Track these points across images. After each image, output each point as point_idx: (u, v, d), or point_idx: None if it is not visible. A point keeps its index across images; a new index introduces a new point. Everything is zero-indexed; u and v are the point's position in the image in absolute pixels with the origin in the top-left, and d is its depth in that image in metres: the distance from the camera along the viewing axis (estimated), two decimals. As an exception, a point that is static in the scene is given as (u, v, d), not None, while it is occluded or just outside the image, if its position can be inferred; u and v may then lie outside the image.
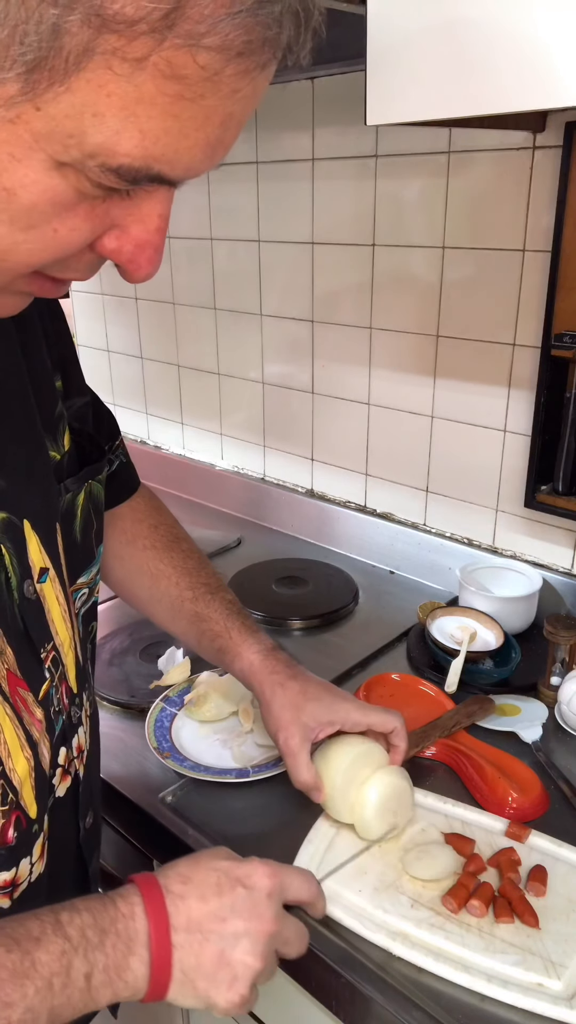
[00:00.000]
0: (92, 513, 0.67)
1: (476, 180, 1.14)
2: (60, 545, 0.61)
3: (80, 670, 0.65)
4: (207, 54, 0.34)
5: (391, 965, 0.68)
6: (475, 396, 1.24)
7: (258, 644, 0.84)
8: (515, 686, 1.05)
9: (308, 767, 0.78)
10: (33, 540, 0.57)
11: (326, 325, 1.41)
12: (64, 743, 0.62)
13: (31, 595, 0.57)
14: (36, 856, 0.59)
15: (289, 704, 0.80)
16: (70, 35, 0.32)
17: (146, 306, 1.76)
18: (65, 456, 0.64)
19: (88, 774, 0.68)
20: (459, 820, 0.82)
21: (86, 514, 0.66)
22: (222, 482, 1.69)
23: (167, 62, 0.33)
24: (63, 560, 0.61)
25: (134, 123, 0.35)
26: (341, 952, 0.69)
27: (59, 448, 0.63)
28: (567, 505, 1.12)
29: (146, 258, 0.42)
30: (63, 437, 0.64)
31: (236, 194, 1.47)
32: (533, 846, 0.78)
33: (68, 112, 0.34)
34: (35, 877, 0.59)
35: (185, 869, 0.57)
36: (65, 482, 0.63)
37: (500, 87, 0.71)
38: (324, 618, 1.24)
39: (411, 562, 1.38)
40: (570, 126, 0.99)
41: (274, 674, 0.82)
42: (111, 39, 0.32)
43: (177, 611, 0.86)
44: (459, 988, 0.65)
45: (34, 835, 0.58)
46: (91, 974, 0.49)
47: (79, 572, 0.65)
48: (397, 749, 0.82)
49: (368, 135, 1.24)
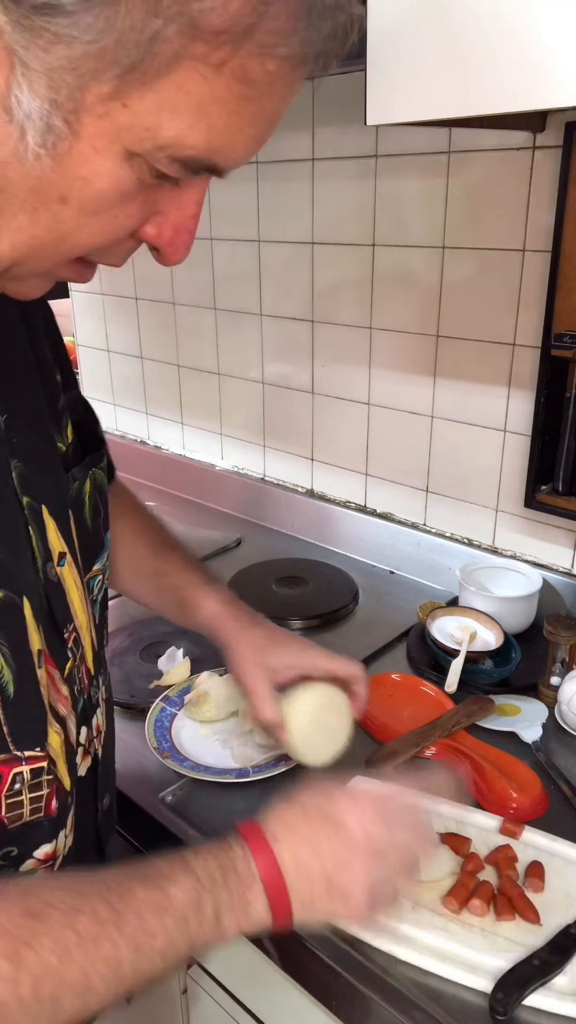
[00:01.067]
0: (99, 501, 0.69)
1: (476, 180, 1.14)
2: (74, 532, 0.63)
3: (96, 654, 0.67)
4: (275, 62, 0.39)
5: (392, 966, 0.68)
6: (475, 396, 1.24)
7: (219, 594, 0.86)
8: (515, 686, 1.05)
9: (271, 705, 0.81)
10: (51, 525, 0.59)
11: (326, 325, 1.41)
12: (85, 722, 0.64)
13: (53, 577, 0.59)
14: (69, 829, 0.62)
15: (253, 647, 0.83)
16: (167, 43, 0.36)
17: (146, 306, 1.76)
18: (69, 447, 0.66)
19: (105, 756, 0.70)
20: (453, 820, 0.82)
21: (93, 502, 0.68)
22: (222, 482, 1.69)
23: (241, 67, 0.38)
24: (77, 546, 0.63)
25: (204, 119, 0.39)
26: (341, 952, 0.69)
27: (64, 440, 0.65)
28: (567, 505, 1.12)
29: (182, 242, 0.46)
30: (66, 429, 0.66)
31: (236, 194, 1.47)
32: (528, 842, 0.78)
33: (150, 109, 0.38)
34: (67, 851, 0.62)
35: (285, 814, 0.60)
36: (72, 471, 0.65)
37: (500, 87, 0.71)
38: (324, 618, 1.24)
39: (411, 562, 1.38)
40: (570, 126, 0.99)
41: (237, 620, 0.84)
42: (199, 47, 0.36)
43: (137, 571, 0.88)
44: (460, 987, 0.66)
45: (68, 807, 0.61)
46: (218, 908, 0.53)
47: (93, 559, 0.67)
48: (358, 696, 0.84)
49: (368, 135, 1.24)
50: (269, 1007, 0.83)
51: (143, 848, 0.90)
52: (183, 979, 0.91)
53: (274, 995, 0.80)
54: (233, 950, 0.83)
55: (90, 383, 2.01)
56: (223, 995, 0.88)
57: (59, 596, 0.60)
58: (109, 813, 0.73)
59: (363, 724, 0.98)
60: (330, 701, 0.83)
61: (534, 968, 0.65)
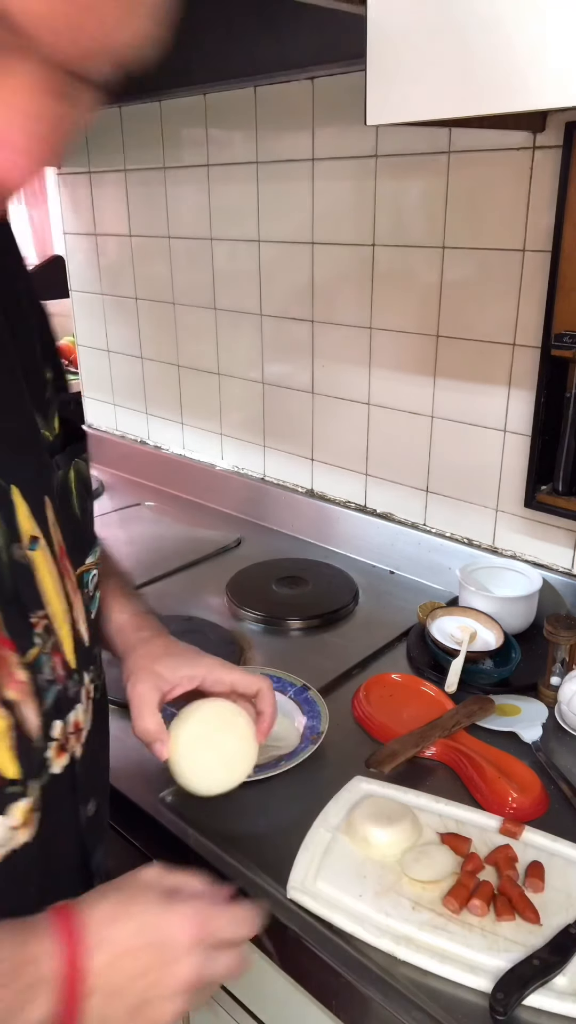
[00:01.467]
0: (85, 493, 0.68)
1: (476, 180, 1.14)
2: (51, 518, 0.61)
3: (81, 648, 0.64)
4: None
5: (392, 966, 0.68)
6: (475, 396, 1.24)
7: (131, 606, 0.81)
8: (515, 686, 1.05)
9: (151, 715, 0.73)
10: (22, 507, 0.58)
11: (326, 325, 1.41)
12: (59, 716, 0.62)
13: (20, 559, 0.57)
14: (18, 821, 0.58)
15: (148, 655, 0.76)
16: None
17: (146, 306, 1.76)
18: (57, 438, 0.65)
19: (89, 757, 0.67)
20: (453, 819, 0.82)
21: (80, 492, 0.67)
22: (222, 482, 1.69)
23: None
24: (57, 534, 0.62)
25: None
26: (341, 952, 0.69)
27: (51, 429, 0.64)
28: (567, 505, 1.12)
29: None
30: (54, 419, 0.65)
31: (236, 194, 1.47)
32: (528, 842, 0.78)
33: None
34: (19, 845, 0.59)
35: (109, 912, 0.56)
36: (56, 458, 0.64)
37: (500, 87, 0.71)
38: (324, 618, 1.24)
39: (411, 562, 1.38)
40: (570, 126, 0.99)
41: (140, 631, 0.79)
42: None
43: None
44: (460, 987, 0.66)
45: (11, 796, 0.58)
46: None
47: (84, 552, 0.66)
48: (263, 716, 0.76)
49: (368, 135, 1.24)
50: (269, 1007, 0.83)
51: (143, 849, 0.90)
52: (183, 979, 0.91)
53: (274, 995, 0.80)
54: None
55: (90, 383, 2.01)
56: (223, 995, 0.88)
57: (27, 579, 0.58)
58: (97, 821, 0.70)
59: (363, 724, 0.98)
60: (226, 720, 0.75)
61: (534, 968, 0.65)
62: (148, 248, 1.70)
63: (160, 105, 1.55)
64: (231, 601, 1.29)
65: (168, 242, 1.64)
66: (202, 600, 1.31)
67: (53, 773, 0.62)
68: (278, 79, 1.32)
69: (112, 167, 1.71)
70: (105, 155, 1.71)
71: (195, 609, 1.27)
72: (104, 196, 1.76)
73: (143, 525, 1.64)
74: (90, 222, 1.82)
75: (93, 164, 1.75)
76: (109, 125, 1.67)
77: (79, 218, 1.85)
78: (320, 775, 0.89)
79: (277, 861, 0.77)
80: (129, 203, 1.70)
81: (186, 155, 1.54)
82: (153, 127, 1.58)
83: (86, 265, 1.88)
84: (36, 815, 0.60)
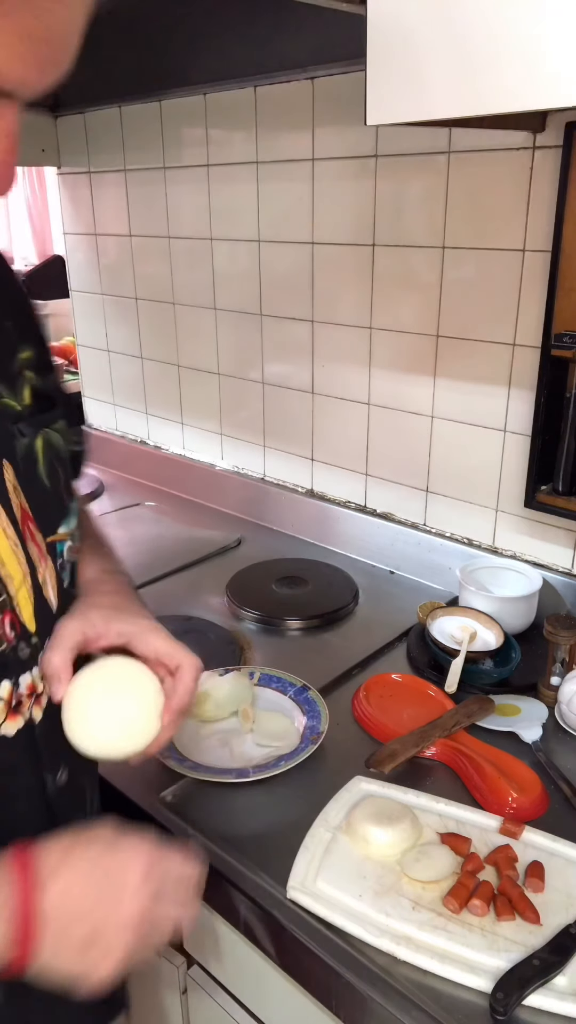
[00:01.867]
0: (56, 463, 0.68)
1: (476, 180, 1.14)
2: (11, 481, 0.62)
3: (46, 612, 0.65)
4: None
5: (392, 966, 0.68)
6: (475, 396, 1.24)
7: (100, 563, 0.78)
8: (515, 686, 1.05)
9: (62, 651, 0.66)
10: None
11: (326, 325, 1.41)
12: (7, 675, 0.62)
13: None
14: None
15: (92, 603, 0.71)
16: None
17: (146, 306, 1.76)
18: (27, 408, 0.65)
19: (54, 725, 0.66)
20: (453, 819, 0.82)
21: (49, 462, 0.67)
22: (222, 482, 1.69)
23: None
24: (19, 497, 0.63)
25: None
26: (341, 952, 0.69)
27: (18, 399, 0.65)
28: (567, 505, 1.12)
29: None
30: (23, 391, 0.65)
31: (236, 194, 1.47)
32: (528, 842, 0.79)
33: None
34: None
35: (63, 849, 0.59)
36: (18, 425, 0.64)
37: (500, 87, 0.71)
38: (324, 618, 1.24)
39: (411, 562, 1.38)
40: (570, 126, 0.99)
41: (101, 584, 0.75)
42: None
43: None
44: (460, 987, 0.66)
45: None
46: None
47: (55, 522, 0.67)
48: (179, 692, 0.69)
49: (368, 135, 1.24)
50: (269, 1007, 0.83)
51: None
52: (183, 979, 0.91)
53: (274, 995, 0.80)
54: (233, 950, 0.83)
55: (90, 383, 2.01)
56: (223, 995, 0.88)
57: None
58: (72, 791, 0.70)
59: (363, 724, 0.98)
60: (135, 683, 0.68)
61: (534, 968, 0.65)
62: (148, 248, 1.70)
63: (160, 105, 1.55)
64: (231, 601, 1.29)
65: (168, 242, 1.64)
66: (202, 600, 1.31)
67: (5, 736, 0.63)
68: (278, 79, 1.32)
69: (112, 167, 1.71)
70: (105, 155, 1.71)
71: (195, 609, 1.27)
72: (104, 196, 1.76)
73: (143, 525, 1.64)
74: (90, 222, 1.82)
75: (93, 164, 1.75)
76: (109, 125, 1.67)
77: (79, 218, 1.85)
78: (320, 775, 0.89)
79: (277, 861, 0.77)
80: (129, 203, 1.70)
81: (186, 155, 1.54)
82: (153, 127, 1.58)
83: (86, 265, 1.88)
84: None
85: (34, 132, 1.78)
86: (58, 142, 1.81)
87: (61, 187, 1.87)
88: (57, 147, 1.82)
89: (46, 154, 1.82)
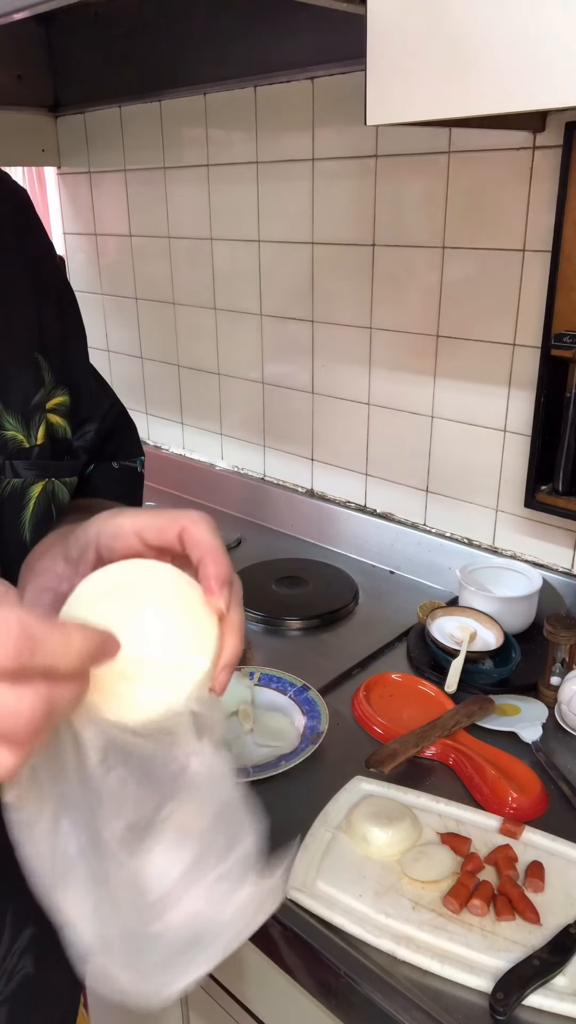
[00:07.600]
0: (54, 514, 0.60)
1: (476, 180, 1.14)
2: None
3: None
4: None
5: (392, 966, 0.68)
6: (475, 396, 1.24)
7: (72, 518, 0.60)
8: (515, 686, 1.05)
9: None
10: None
11: (326, 325, 1.41)
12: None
13: None
14: None
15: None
16: None
17: (146, 306, 1.76)
18: (34, 448, 0.58)
19: None
20: (453, 819, 0.82)
21: (40, 515, 0.58)
22: (222, 482, 1.69)
23: None
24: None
25: None
26: (341, 952, 0.69)
27: (27, 435, 0.58)
28: (567, 505, 1.12)
29: None
30: (37, 429, 0.59)
31: (236, 194, 1.47)
32: (528, 842, 0.79)
33: None
34: None
35: None
36: (14, 462, 0.55)
37: (500, 87, 0.71)
38: (324, 618, 1.24)
39: (411, 562, 1.38)
40: (570, 126, 0.99)
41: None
42: None
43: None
44: (460, 987, 0.66)
45: None
46: None
47: (11, 573, 0.54)
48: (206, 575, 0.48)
49: (368, 135, 1.24)
50: (269, 1007, 0.83)
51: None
52: (183, 979, 0.91)
53: (274, 995, 0.80)
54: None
55: (90, 383, 2.00)
56: (223, 995, 0.88)
57: None
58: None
59: (363, 724, 0.98)
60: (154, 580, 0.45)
61: (534, 968, 0.65)
62: (148, 248, 1.70)
63: (160, 105, 1.55)
64: (231, 601, 1.28)
65: (168, 242, 1.64)
66: (202, 600, 1.31)
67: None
68: (278, 79, 1.32)
69: (112, 167, 1.71)
70: (105, 155, 1.71)
71: (195, 609, 1.27)
72: (104, 196, 1.76)
73: (143, 525, 1.64)
74: (90, 222, 1.82)
75: (93, 164, 1.75)
76: (109, 125, 1.67)
77: (79, 218, 1.85)
78: (320, 775, 0.89)
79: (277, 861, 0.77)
80: (129, 203, 1.70)
81: (186, 155, 1.54)
82: (153, 127, 1.58)
83: (86, 265, 1.88)
84: None
85: (34, 132, 1.78)
86: (58, 142, 1.81)
87: (61, 187, 1.87)
88: (57, 147, 1.82)
89: (46, 154, 1.82)
